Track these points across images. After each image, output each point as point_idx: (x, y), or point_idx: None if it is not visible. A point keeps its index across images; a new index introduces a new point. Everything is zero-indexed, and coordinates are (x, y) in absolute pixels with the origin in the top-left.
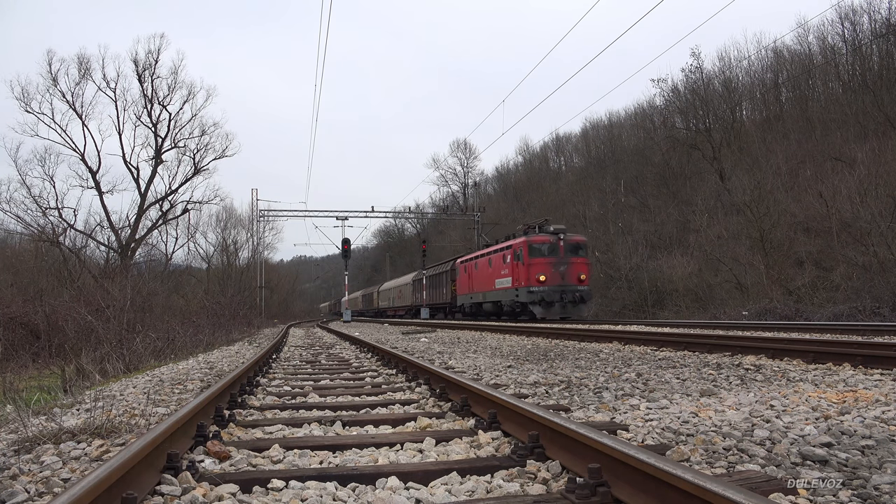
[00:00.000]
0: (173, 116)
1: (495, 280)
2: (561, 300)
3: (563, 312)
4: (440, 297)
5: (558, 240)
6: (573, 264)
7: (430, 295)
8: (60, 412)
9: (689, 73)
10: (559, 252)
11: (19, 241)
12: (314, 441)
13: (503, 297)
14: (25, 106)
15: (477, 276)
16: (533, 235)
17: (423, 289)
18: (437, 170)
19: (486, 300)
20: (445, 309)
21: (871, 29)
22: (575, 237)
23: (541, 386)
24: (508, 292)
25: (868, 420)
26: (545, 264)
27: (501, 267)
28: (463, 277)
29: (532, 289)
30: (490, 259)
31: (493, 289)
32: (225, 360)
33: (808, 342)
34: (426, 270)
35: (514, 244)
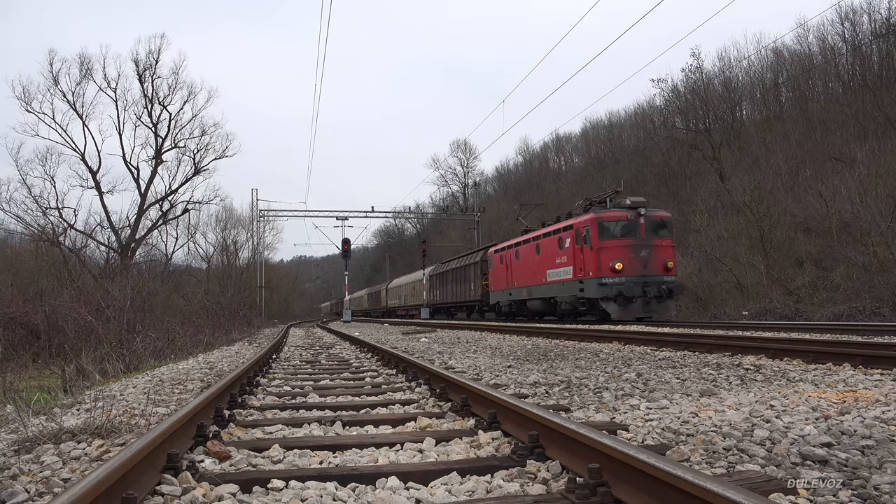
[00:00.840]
0: (174, 116)
1: (546, 271)
2: (644, 294)
3: (646, 311)
4: (465, 293)
5: (637, 216)
6: (657, 248)
7: (452, 291)
8: (60, 412)
9: (689, 73)
10: (639, 232)
11: (19, 241)
12: (314, 441)
13: (559, 293)
14: (26, 106)
15: (519, 267)
16: (603, 211)
17: (443, 284)
18: (437, 170)
19: (533, 296)
20: (474, 308)
21: (871, 29)
22: (658, 212)
23: (541, 386)
24: (568, 286)
25: (868, 420)
26: (622, 248)
27: (556, 254)
28: (498, 270)
29: (605, 280)
30: (538, 245)
31: (544, 282)
32: (225, 361)
33: (808, 342)
34: (446, 264)
35: (576, 223)
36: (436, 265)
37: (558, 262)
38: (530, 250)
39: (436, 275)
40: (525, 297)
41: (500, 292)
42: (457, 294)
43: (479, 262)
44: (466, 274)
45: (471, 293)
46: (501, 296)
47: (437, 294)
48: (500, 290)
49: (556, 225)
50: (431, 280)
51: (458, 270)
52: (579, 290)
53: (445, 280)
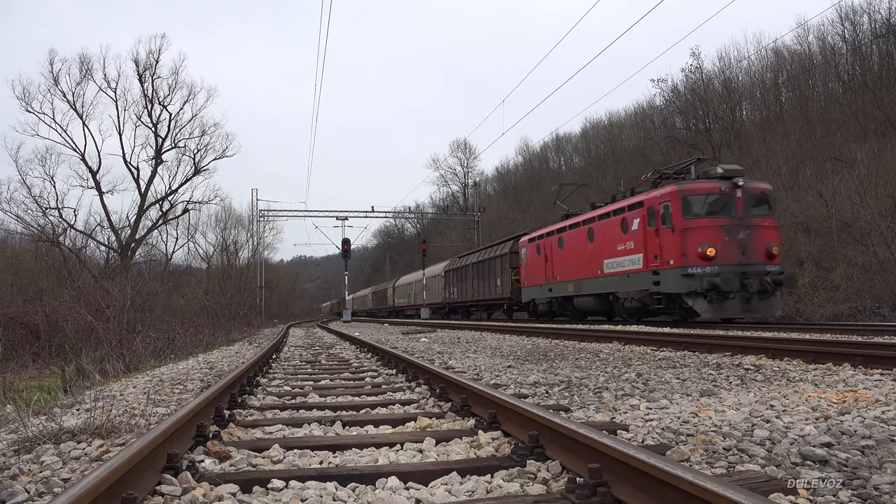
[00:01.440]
0: (174, 116)
1: (603, 261)
2: (743, 288)
3: (746, 308)
4: (489, 290)
5: (733, 187)
6: (758, 229)
7: (474, 288)
8: (60, 412)
9: (689, 73)
10: (735, 208)
11: (19, 241)
12: (314, 441)
13: (622, 287)
14: (26, 106)
15: (563, 257)
16: (688, 182)
17: (462, 281)
18: (437, 170)
19: (583, 292)
20: (501, 306)
21: (871, 29)
22: (758, 184)
23: (541, 386)
24: (635, 278)
25: (868, 420)
26: (714, 229)
27: (618, 239)
28: (534, 262)
29: (692, 270)
30: (591, 229)
31: (599, 274)
32: (225, 360)
33: (808, 342)
34: (465, 257)
35: (649, 199)
36: (452, 259)
37: (621, 248)
38: (579, 237)
39: (453, 270)
40: (571, 293)
41: (537, 288)
42: (479, 291)
43: (507, 255)
44: (491, 268)
45: (496, 290)
46: (538, 292)
47: (453, 292)
48: (537, 285)
49: (617, 203)
50: (447, 276)
51: (480, 265)
52: (653, 283)
53: (464, 276)
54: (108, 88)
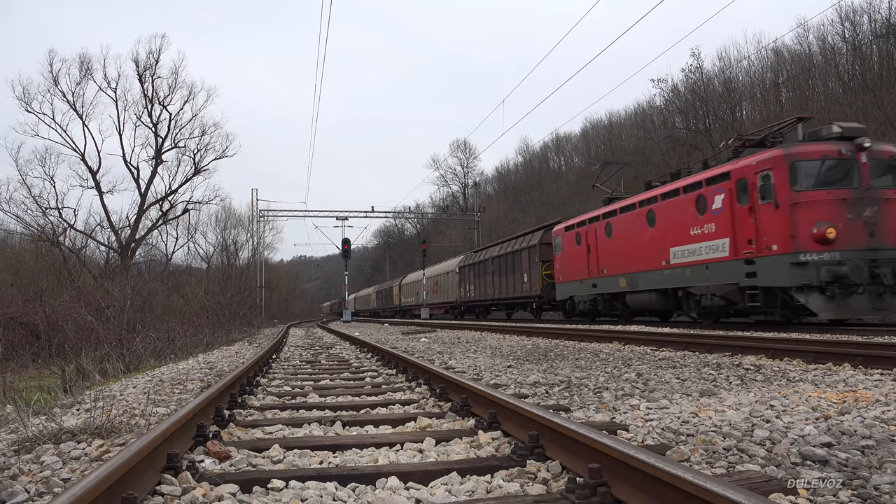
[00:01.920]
0: (174, 116)
1: (669, 249)
2: (874, 280)
3: (880, 307)
4: (513, 287)
5: (857, 150)
6: (890, 204)
7: (494, 285)
8: (60, 412)
9: (689, 73)
10: (860, 177)
11: (19, 241)
12: (314, 441)
13: (698, 280)
14: (26, 106)
15: (612, 246)
16: (798, 145)
17: (480, 277)
18: (437, 170)
19: (642, 287)
20: (529, 305)
21: (871, 29)
22: (886, 147)
23: (541, 386)
24: (718, 269)
25: (868, 420)
26: (834, 204)
27: (691, 220)
28: (572, 253)
29: (805, 257)
30: (652, 211)
31: (663, 265)
32: (225, 360)
33: (808, 342)
34: (483, 251)
35: (737, 169)
36: (467, 254)
37: (696, 233)
38: (635, 221)
39: (469, 266)
40: (623, 288)
41: (576, 284)
42: (501, 288)
43: (536, 247)
44: (516, 262)
45: (522, 286)
46: (577, 288)
47: (470, 289)
48: (575, 280)
49: (689, 178)
50: (462, 273)
51: (503, 259)
52: (745, 274)
53: (483, 272)
54: (108, 88)
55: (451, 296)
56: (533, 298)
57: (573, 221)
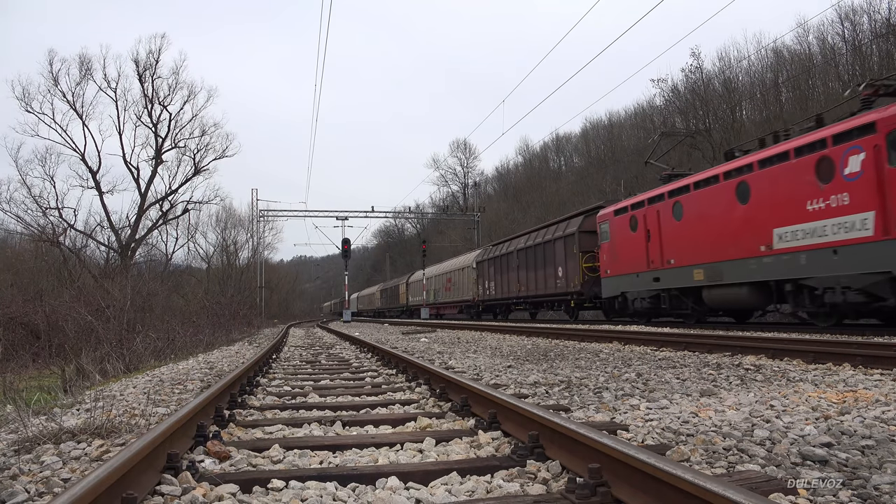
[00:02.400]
0: (174, 116)
1: (773, 230)
2: None
3: None
4: (544, 282)
5: None
6: None
7: (522, 281)
8: (60, 412)
9: (689, 73)
10: None
11: (19, 241)
12: (314, 441)
13: (821, 269)
14: (26, 106)
15: (685, 229)
16: None
17: (502, 273)
18: (437, 170)
19: (729, 279)
20: (566, 303)
21: (871, 29)
22: None
23: (541, 386)
24: (856, 253)
25: (868, 420)
26: None
27: (809, 191)
28: (627, 241)
29: None
30: (745, 183)
31: (762, 251)
32: (225, 360)
33: (808, 342)
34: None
35: (888, 116)
36: (485, 247)
37: (817, 207)
38: (717, 198)
39: (489, 260)
40: (701, 282)
41: (630, 278)
42: (528, 284)
43: (574, 235)
44: (548, 254)
45: (557, 282)
46: (632, 283)
47: (489, 287)
48: (630, 273)
49: (804, 138)
50: (481, 268)
51: (532, 251)
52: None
53: (505, 266)
54: (108, 88)
55: (466, 294)
56: (570, 295)
57: (626, 203)
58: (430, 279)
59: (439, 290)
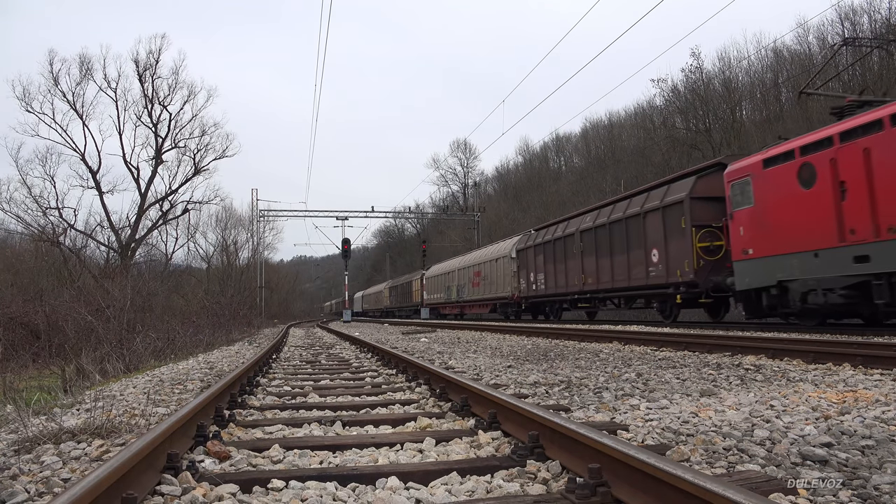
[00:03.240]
0: (174, 116)
1: None
2: None
3: None
4: (625, 271)
5: None
6: None
7: (589, 270)
8: (60, 412)
9: (689, 73)
10: None
11: (19, 241)
12: (314, 441)
13: None
14: (26, 106)
15: None
16: None
17: (558, 260)
18: (437, 170)
19: None
20: (664, 299)
21: (871, 29)
22: None
23: (541, 386)
24: None
25: (868, 420)
26: None
27: None
28: (788, 201)
29: None
30: None
31: None
32: (225, 361)
33: (808, 342)
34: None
35: None
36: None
37: None
38: None
39: (536, 246)
40: None
41: (801, 258)
42: (601, 275)
43: (685, 202)
44: (635, 232)
45: (650, 271)
46: (805, 266)
47: (537, 280)
48: (802, 251)
49: None
50: (524, 257)
51: (603, 230)
52: None
53: (561, 253)
54: (108, 88)
55: (502, 289)
56: (673, 288)
57: (788, 147)
58: (451, 273)
59: (464, 286)
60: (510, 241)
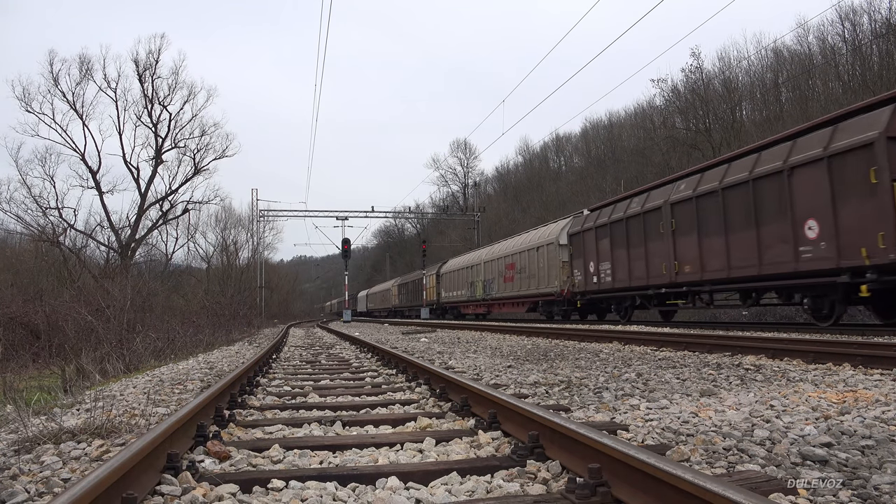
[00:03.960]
0: (174, 116)
1: None
2: None
3: None
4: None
5: None
6: None
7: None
8: (60, 412)
9: (689, 73)
10: None
11: (19, 241)
12: (314, 441)
13: None
14: (26, 106)
15: None
16: None
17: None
18: (437, 170)
19: None
20: (823, 290)
21: (871, 29)
22: None
23: (541, 386)
24: None
25: (868, 420)
26: None
27: None
28: None
29: None
30: None
31: None
32: (225, 361)
33: (808, 342)
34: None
35: None
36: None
37: None
38: None
39: (598, 228)
40: None
41: None
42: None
43: (875, 144)
44: (773, 197)
45: (800, 252)
46: None
47: (603, 270)
48: None
49: None
50: (579, 242)
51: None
52: None
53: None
54: (108, 88)
55: (546, 283)
56: (853, 273)
57: None
58: (475, 267)
59: (492, 281)
60: (557, 225)
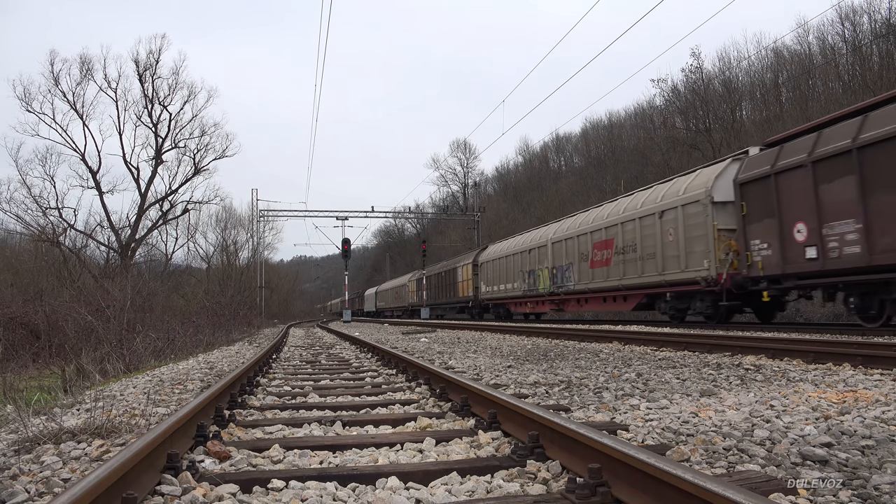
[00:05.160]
0: (174, 117)
1: None
2: None
3: None
4: None
5: None
6: None
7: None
8: (60, 412)
9: (689, 74)
10: None
11: (19, 241)
12: (314, 441)
13: None
14: (27, 106)
15: None
16: None
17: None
18: (437, 170)
19: None
20: None
21: (871, 29)
22: None
23: (541, 386)
24: None
25: (868, 420)
26: None
27: None
28: None
29: None
30: None
31: None
32: (225, 361)
33: (808, 342)
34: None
35: None
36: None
37: None
38: None
39: (818, 162)
40: None
41: None
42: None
43: None
44: None
45: None
46: None
47: (829, 238)
48: None
49: None
50: (764, 193)
51: None
52: None
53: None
54: (108, 88)
55: (682, 265)
56: None
57: None
58: (535, 251)
59: (569, 267)
60: (701, 175)
